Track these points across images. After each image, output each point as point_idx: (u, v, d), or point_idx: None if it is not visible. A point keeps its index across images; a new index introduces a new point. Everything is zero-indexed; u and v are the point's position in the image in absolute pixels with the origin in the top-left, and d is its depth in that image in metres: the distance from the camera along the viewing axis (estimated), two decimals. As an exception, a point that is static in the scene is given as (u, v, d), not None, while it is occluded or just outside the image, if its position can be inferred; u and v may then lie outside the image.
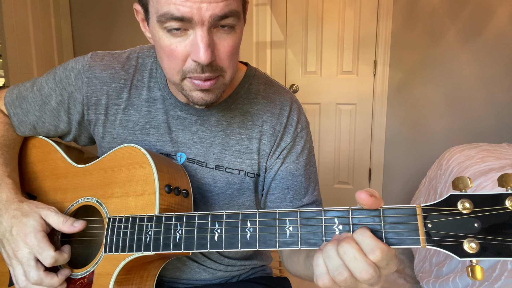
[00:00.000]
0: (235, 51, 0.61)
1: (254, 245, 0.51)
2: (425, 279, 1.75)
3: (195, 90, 0.62)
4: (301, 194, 0.77)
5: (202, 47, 0.55)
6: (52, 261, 0.61)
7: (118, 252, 0.61)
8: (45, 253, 0.61)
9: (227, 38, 0.58)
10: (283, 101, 0.77)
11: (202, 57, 0.55)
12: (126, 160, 0.67)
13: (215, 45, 0.58)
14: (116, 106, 0.74)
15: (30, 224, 0.62)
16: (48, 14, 2.91)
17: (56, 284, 0.62)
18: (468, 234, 0.43)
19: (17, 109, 0.78)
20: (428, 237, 0.44)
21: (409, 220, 0.46)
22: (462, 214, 0.43)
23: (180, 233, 0.56)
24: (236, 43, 0.60)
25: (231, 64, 0.62)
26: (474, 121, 2.58)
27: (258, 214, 0.52)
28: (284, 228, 0.50)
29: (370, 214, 0.47)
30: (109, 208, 0.66)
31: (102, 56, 0.75)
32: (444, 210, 0.44)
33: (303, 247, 0.49)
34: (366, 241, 0.45)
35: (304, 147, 0.77)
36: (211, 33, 0.57)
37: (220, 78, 0.62)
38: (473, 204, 0.43)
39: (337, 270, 0.45)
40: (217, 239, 0.53)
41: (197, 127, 0.74)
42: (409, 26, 2.61)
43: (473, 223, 0.43)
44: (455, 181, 0.44)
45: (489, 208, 0.42)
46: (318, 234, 0.49)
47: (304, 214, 0.50)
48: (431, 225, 0.44)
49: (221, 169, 0.74)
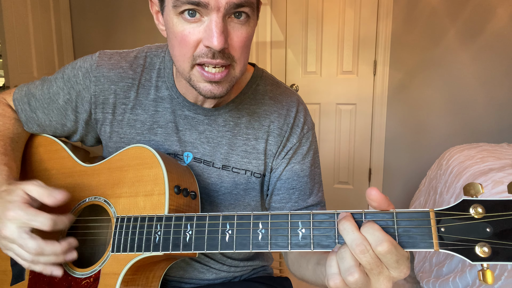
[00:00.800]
0: (247, 43, 0.61)
1: (265, 246, 0.51)
2: (425, 279, 1.75)
3: (203, 82, 0.62)
4: (306, 195, 0.77)
5: (216, 32, 0.55)
6: (51, 223, 0.57)
7: (126, 252, 0.60)
8: (39, 218, 0.57)
9: (240, 28, 0.59)
10: (290, 102, 0.77)
11: (215, 42, 0.56)
12: (136, 160, 0.67)
13: (229, 34, 0.58)
14: (123, 105, 0.75)
15: (13, 199, 0.58)
16: (48, 14, 2.91)
17: (59, 250, 0.58)
18: (480, 239, 0.44)
19: (25, 105, 0.78)
20: (441, 240, 0.45)
21: (422, 224, 0.46)
22: (474, 219, 0.44)
23: (190, 234, 0.56)
24: (249, 36, 0.61)
25: (242, 56, 0.62)
26: (474, 121, 2.58)
27: (270, 215, 0.52)
28: (297, 230, 0.50)
29: (383, 217, 0.48)
30: (117, 207, 0.66)
31: (110, 55, 0.76)
32: (457, 214, 0.45)
33: (315, 249, 0.49)
34: (375, 234, 0.45)
35: (310, 148, 0.78)
36: (225, 21, 0.57)
37: (231, 70, 0.62)
38: (485, 210, 0.44)
39: (348, 270, 0.45)
40: (228, 240, 0.53)
41: (204, 126, 0.74)
42: (409, 26, 2.61)
43: (485, 228, 0.44)
44: (466, 187, 0.45)
45: (501, 214, 0.43)
46: (331, 236, 0.49)
47: (317, 217, 0.50)
48: (444, 229, 0.45)
49: (228, 169, 0.74)
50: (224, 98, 0.74)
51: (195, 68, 0.61)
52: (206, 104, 0.73)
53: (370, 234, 0.45)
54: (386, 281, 0.46)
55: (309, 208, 0.78)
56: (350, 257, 0.45)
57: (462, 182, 1.69)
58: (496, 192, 1.44)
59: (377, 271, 0.45)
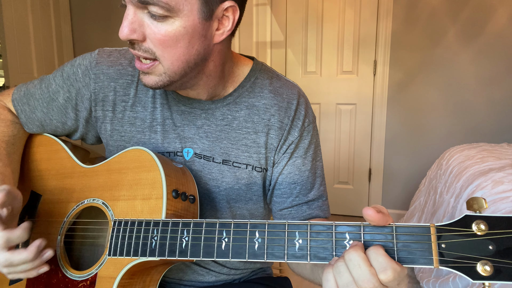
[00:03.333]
0: (169, 42, 0.59)
1: (261, 256, 0.50)
2: (425, 279, 1.75)
3: (140, 73, 0.64)
4: (307, 189, 0.76)
5: (123, 23, 0.58)
6: (2, 241, 0.54)
7: (123, 256, 0.60)
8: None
9: (157, 25, 0.58)
10: (290, 94, 0.76)
11: (121, 32, 0.58)
12: (134, 163, 0.66)
13: (144, 27, 0.59)
14: (123, 102, 0.74)
15: None
16: (48, 14, 2.91)
17: (29, 258, 0.56)
18: (482, 256, 0.42)
19: (25, 106, 0.78)
20: (441, 257, 0.43)
21: (422, 240, 0.44)
22: (477, 236, 0.42)
23: (187, 240, 0.55)
24: (170, 34, 0.58)
25: (166, 53, 0.60)
26: (474, 121, 2.58)
27: (267, 224, 0.51)
28: (294, 241, 0.49)
29: (382, 231, 0.46)
30: (115, 210, 0.65)
31: (109, 53, 0.75)
32: (459, 230, 0.43)
33: (312, 261, 0.48)
34: (379, 259, 0.44)
35: (311, 141, 0.77)
36: (141, 13, 0.58)
37: (159, 66, 0.62)
38: (488, 226, 0.42)
39: (347, 286, 0.44)
40: (224, 248, 0.52)
41: (202, 121, 0.73)
42: (409, 26, 2.61)
43: (488, 245, 0.42)
44: (469, 201, 0.43)
45: (505, 231, 0.41)
46: (328, 248, 0.48)
47: (315, 227, 0.49)
48: (444, 245, 0.44)
49: (228, 163, 0.73)
50: (220, 92, 0.73)
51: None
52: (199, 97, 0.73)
53: (373, 259, 0.44)
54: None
55: (310, 202, 0.77)
56: (348, 273, 0.45)
57: (462, 182, 1.69)
58: (496, 192, 1.44)
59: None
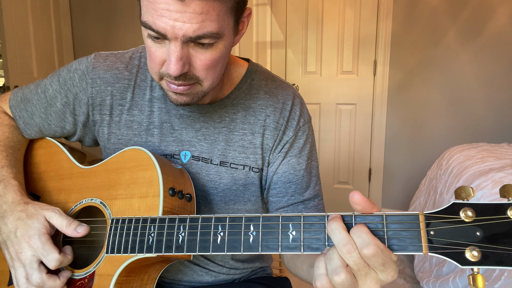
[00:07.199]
0: (214, 64, 0.61)
1: (256, 248, 0.51)
2: (425, 279, 1.75)
3: (170, 91, 0.63)
4: (302, 188, 0.77)
5: (172, 60, 0.56)
6: (57, 264, 0.61)
7: (120, 253, 0.61)
8: (50, 256, 0.61)
9: (204, 53, 0.58)
10: (285, 95, 0.77)
11: (172, 69, 0.57)
12: (132, 162, 0.67)
13: (190, 57, 0.58)
14: (120, 106, 0.75)
15: (35, 226, 0.62)
16: (48, 14, 2.91)
17: (59, 286, 0.62)
18: (470, 242, 0.43)
19: (22, 112, 0.78)
20: (430, 244, 0.44)
21: (412, 227, 0.46)
22: (464, 223, 0.44)
23: (183, 235, 0.56)
24: (215, 58, 0.60)
25: (209, 75, 0.61)
26: (474, 121, 2.58)
27: (261, 218, 0.52)
28: (287, 233, 0.50)
29: (373, 220, 0.47)
30: (112, 209, 0.66)
31: (105, 57, 0.76)
32: (447, 218, 0.44)
33: (305, 251, 0.49)
34: (362, 236, 0.45)
35: (306, 141, 0.77)
36: (186, 46, 0.57)
37: (198, 86, 0.63)
38: (475, 213, 0.43)
39: (335, 271, 0.45)
40: (220, 242, 0.53)
41: (200, 124, 0.74)
42: (409, 26, 2.61)
43: (475, 232, 0.43)
44: (457, 190, 0.45)
45: (491, 217, 0.42)
46: (321, 239, 0.49)
47: (308, 219, 0.50)
48: (433, 232, 0.45)
49: (226, 165, 0.74)
50: (218, 94, 0.74)
51: (163, 80, 0.63)
52: (203, 102, 0.73)
53: (357, 236, 0.45)
54: (373, 283, 0.46)
55: (306, 201, 0.78)
56: (337, 257, 0.45)
57: (462, 182, 1.69)
58: (496, 192, 1.44)
59: (364, 272, 0.45)
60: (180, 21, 0.53)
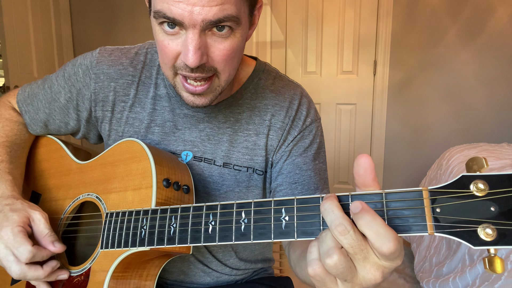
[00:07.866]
0: (233, 55, 0.58)
1: (248, 236, 0.47)
2: (425, 279, 1.74)
3: (186, 92, 0.60)
4: (310, 190, 0.73)
5: (191, 49, 0.53)
6: (29, 256, 0.58)
7: (114, 248, 0.59)
8: (21, 248, 0.58)
9: (223, 42, 0.56)
10: (292, 94, 0.75)
11: (190, 60, 0.54)
12: (126, 155, 0.66)
13: (208, 47, 0.56)
14: (123, 103, 0.74)
15: (12, 218, 0.59)
16: (48, 14, 2.92)
17: (42, 276, 0.60)
18: (483, 219, 0.36)
19: (29, 106, 0.77)
20: (436, 223, 0.38)
21: (415, 205, 0.40)
22: (476, 197, 0.37)
23: (175, 227, 0.53)
24: (234, 47, 0.57)
25: (227, 67, 0.59)
26: (474, 121, 2.58)
27: (253, 203, 0.48)
28: (280, 218, 0.46)
29: (372, 199, 0.42)
30: (107, 203, 0.65)
31: (110, 51, 0.74)
32: (455, 192, 0.38)
33: (299, 237, 0.44)
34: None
35: (313, 141, 0.74)
36: (204, 35, 0.54)
37: (215, 80, 0.60)
38: (489, 186, 0.37)
39: (327, 253, 0.39)
40: (211, 232, 0.50)
41: (204, 124, 0.72)
42: (409, 26, 2.61)
43: (489, 207, 0.36)
44: (469, 162, 0.39)
45: (507, 190, 0.36)
46: (316, 223, 0.44)
47: (301, 202, 0.45)
48: (440, 209, 0.38)
49: (229, 166, 0.72)
50: (224, 94, 0.72)
51: (178, 76, 0.60)
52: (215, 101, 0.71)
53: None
54: (374, 269, 0.39)
55: None
56: (330, 239, 0.39)
57: (462, 182, 1.68)
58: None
59: (362, 256, 0.39)
60: (199, 5, 0.50)
